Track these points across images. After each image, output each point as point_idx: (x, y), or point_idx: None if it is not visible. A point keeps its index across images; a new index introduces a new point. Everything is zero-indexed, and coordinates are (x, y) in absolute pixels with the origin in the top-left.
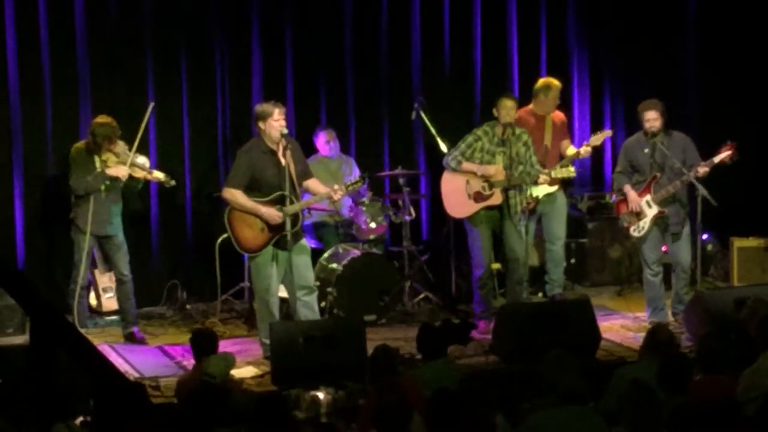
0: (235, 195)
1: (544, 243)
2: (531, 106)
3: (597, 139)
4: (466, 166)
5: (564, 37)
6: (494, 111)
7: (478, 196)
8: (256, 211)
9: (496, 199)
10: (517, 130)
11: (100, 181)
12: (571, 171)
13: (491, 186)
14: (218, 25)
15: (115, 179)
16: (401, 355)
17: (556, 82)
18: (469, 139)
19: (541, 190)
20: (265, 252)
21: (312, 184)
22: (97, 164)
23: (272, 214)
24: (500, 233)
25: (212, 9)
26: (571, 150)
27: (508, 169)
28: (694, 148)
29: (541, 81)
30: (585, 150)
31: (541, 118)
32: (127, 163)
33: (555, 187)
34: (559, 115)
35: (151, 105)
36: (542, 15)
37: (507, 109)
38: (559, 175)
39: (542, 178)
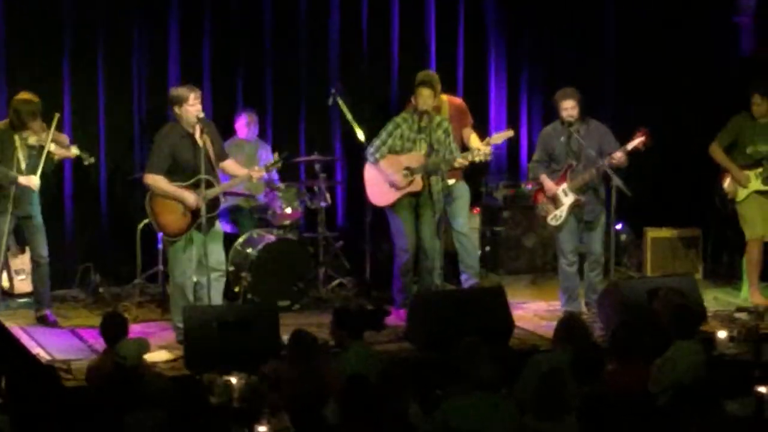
0: (157, 180)
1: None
2: None
3: (497, 138)
4: (383, 164)
5: (482, 22)
6: (412, 99)
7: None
8: (179, 196)
9: (417, 185)
10: (437, 118)
11: (8, 180)
12: (488, 154)
13: (412, 173)
14: (136, 4)
15: (30, 175)
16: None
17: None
18: (389, 127)
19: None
20: (183, 236)
21: (229, 165)
22: (17, 143)
23: (193, 199)
24: (417, 220)
25: None
26: (474, 141)
27: (428, 156)
28: (611, 136)
29: None
30: (484, 148)
31: (434, 108)
32: (46, 146)
33: (453, 180)
34: (455, 102)
35: (56, 116)
36: (461, 1)
37: (424, 97)
38: (477, 159)
39: (459, 161)
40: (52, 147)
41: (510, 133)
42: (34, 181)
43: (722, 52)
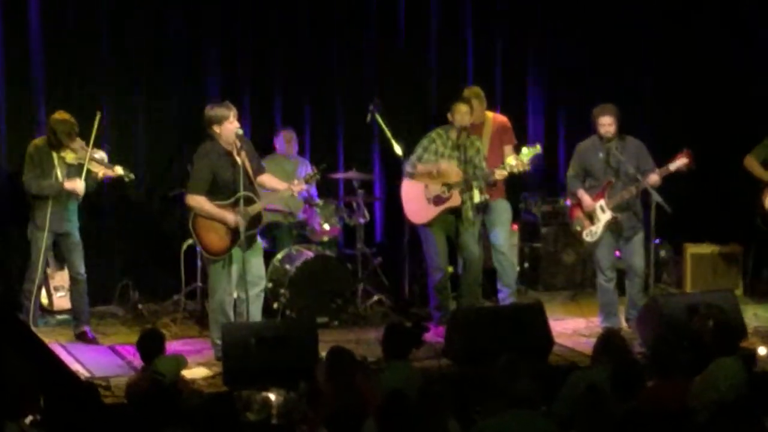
0: (199, 202)
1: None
2: None
3: (526, 154)
4: (421, 168)
5: (520, 38)
6: (449, 116)
7: (437, 200)
8: (222, 218)
9: (456, 200)
10: (472, 136)
11: (55, 190)
12: (525, 164)
13: (450, 188)
14: (174, 22)
15: (71, 192)
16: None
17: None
18: (424, 142)
19: (474, 198)
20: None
21: (266, 179)
22: (56, 161)
23: (233, 218)
24: (455, 236)
25: (169, 6)
26: (509, 160)
27: (465, 171)
28: (648, 154)
29: None
30: (514, 163)
31: (477, 125)
32: (85, 164)
33: (487, 196)
34: (499, 119)
35: (98, 115)
36: (499, 16)
37: (461, 114)
38: (516, 170)
39: (498, 173)
40: (93, 166)
41: (537, 148)
42: (79, 185)
43: (763, 67)
